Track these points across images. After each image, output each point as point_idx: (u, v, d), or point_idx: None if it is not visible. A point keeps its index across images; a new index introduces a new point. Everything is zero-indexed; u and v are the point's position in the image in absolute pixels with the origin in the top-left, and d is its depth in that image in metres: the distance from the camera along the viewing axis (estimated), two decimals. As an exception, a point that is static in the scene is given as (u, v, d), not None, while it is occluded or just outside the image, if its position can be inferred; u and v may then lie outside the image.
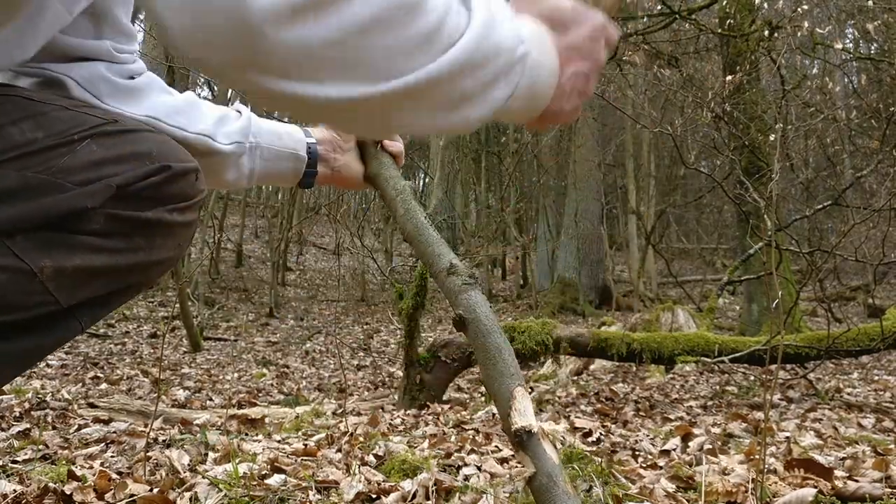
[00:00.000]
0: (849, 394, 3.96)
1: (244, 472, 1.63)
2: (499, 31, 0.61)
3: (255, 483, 1.57)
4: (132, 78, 0.89)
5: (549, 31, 0.69)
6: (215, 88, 17.26)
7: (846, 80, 10.85)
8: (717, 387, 4.34)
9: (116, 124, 0.73)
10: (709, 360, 3.73)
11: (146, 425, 2.32)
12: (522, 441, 0.74)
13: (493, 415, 2.76)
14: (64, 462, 1.79)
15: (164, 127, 0.87)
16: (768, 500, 1.44)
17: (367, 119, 0.60)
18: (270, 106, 0.58)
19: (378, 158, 1.11)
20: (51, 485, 1.48)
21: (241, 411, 3.05)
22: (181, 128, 0.91)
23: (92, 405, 2.95)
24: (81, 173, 0.68)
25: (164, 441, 2.18)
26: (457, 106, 0.60)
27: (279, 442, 2.22)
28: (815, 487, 1.50)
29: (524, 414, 0.77)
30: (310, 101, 0.54)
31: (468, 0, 0.60)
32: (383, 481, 1.60)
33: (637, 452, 2.11)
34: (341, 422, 2.64)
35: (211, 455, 1.93)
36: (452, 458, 1.87)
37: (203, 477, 1.60)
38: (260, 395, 4.48)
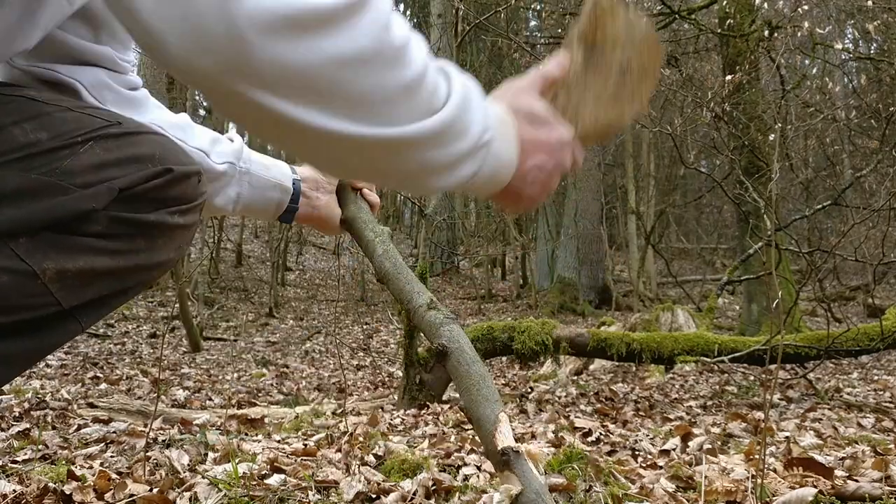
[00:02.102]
0: (848, 394, 3.96)
1: (244, 472, 1.63)
2: (472, 113, 0.64)
3: (254, 483, 1.57)
4: (134, 90, 0.92)
5: (518, 122, 0.73)
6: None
7: (846, 80, 10.85)
8: (717, 387, 4.34)
9: (120, 126, 0.73)
10: (708, 359, 3.73)
11: (146, 425, 2.32)
12: (510, 461, 0.77)
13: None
14: (64, 462, 1.79)
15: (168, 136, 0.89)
16: (768, 499, 1.44)
17: (340, 156, 0.61)
18: (255, 125, 0.58)
19: (356, 203, 1.16)
20: (50, 485, 1.48)
21: (240, 411, 3.05)
22: (181, 140, 0.92)
23: (91, 405, 2.95)
24: (84, 175, 0.68)
25: (163, 441, 2.18)
26: (423, 174, 0.64)
27: (279, 442, 2.22)
28: (815, 487, 1.50)
29: (508, 437, 0.81)
30: (289, 122, 0.55)
31: (448, 74, 0.64)
32: (383, 481, 1.60)
33: (637, 452, 2.11)
34: (341, 422, 2.64)
35: (210, 455, 1.93)
36: (452, 457, 1.87)
37: (203, 477, 1.60)
38: (259, 395, 4.48)
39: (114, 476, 1.63)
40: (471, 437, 2.26)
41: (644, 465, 1.89)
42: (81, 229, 0.68)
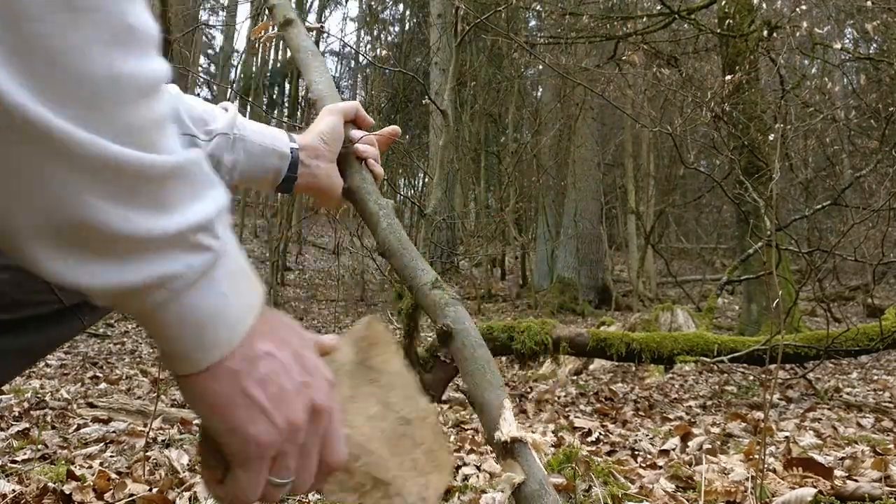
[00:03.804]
0: (848, 393, 3.96)
1: (243, 472, 1.62)
2: (204, 194, 0.47)
3: (254, 483, 1.57)
4: None
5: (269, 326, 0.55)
6: (214, 88, 17.25)
7: (845, 80, 10.85)
8: (717, 386, 4.34)
9: None
10: (708, 359, 3.73)
11: (145, 425, 2.32)
12: (514, 450, 0.75)
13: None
14: (63, 462, 1.79)
15: None
16: (767, 499, 1.44)
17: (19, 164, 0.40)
18: None
19: (360, 173, 1.09)
20: (50, 484, 1.48)
21: (240, 411, 3.04)
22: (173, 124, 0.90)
23: (91, 405, 2.95)
24: None
25: (163, 441, 2.18)
26: (73, 229, 0.43)
27: (278, 442, 2.22)
28: (815, 487, 1.50)
29: (512, 424, 0.80)
30: None
31: (200, 154, 0.48)
32: (383, 481, 1.59)
33: (636, 452, 2.11)
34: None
35: (210, 455, 1.92)
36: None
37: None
38: (259, 394, 4.47)
39: (113, 476, 1.63)
40: (470, 437, 2.26)
41: (644, 465, 1.89)
42: None
